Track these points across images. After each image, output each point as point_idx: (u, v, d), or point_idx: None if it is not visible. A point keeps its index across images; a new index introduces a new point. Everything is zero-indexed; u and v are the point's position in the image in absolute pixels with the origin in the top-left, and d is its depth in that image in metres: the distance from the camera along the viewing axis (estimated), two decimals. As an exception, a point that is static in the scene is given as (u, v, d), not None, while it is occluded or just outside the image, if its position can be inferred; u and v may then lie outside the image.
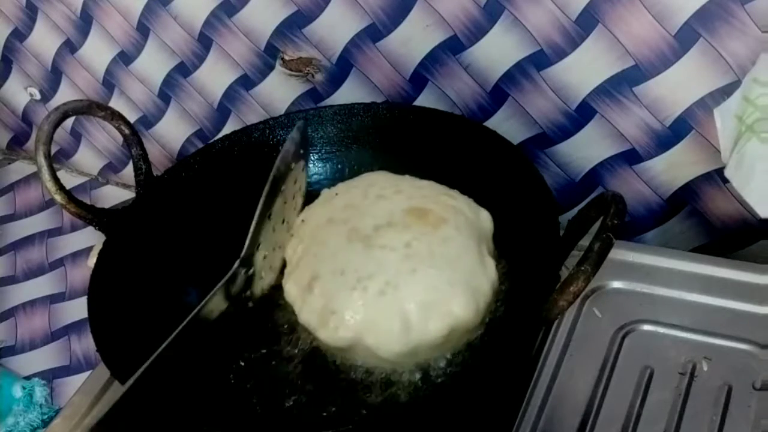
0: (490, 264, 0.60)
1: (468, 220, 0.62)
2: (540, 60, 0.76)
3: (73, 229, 1.11)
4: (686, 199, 0.77)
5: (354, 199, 0.64)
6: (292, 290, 0.61)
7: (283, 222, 0.64)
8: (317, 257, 0.61)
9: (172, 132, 1.06)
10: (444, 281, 0.57)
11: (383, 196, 0.63)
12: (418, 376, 0.58)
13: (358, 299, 0.57)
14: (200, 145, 1.02)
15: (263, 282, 0.61)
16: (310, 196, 0.70)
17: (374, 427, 0.55)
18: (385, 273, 0.57)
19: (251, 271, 0.59)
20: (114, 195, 1.15)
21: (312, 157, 0.77)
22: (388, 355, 0.57)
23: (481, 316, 0.58)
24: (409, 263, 0.58)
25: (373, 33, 0.83)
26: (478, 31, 0.78)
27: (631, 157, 0.77)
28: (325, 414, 0.57)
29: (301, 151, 0.66)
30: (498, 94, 0.80)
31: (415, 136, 0.74)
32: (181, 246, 0.71)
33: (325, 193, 0.68)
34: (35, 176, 1.20)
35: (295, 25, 0.87)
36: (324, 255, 0.60)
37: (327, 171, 0.77)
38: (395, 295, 0.56)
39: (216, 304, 0.56)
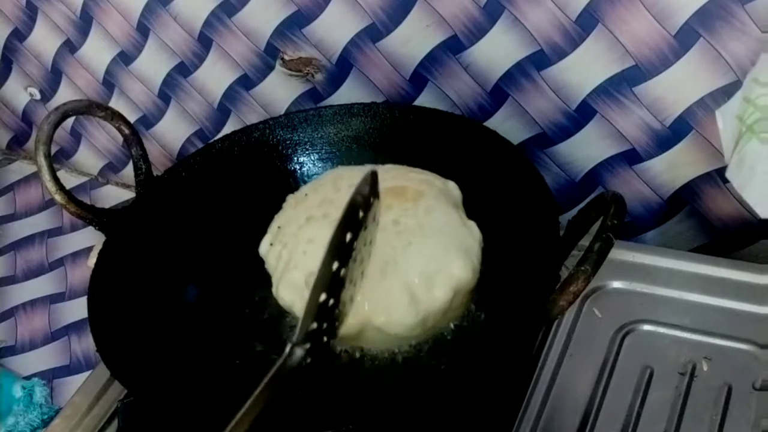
0: (472, 225, 0.63)
1: (441, 190, 0.64)
2: (540, 60, 0.76)
3: (73, 229, 1.11)
4: (686, 199, 0.77)
5: (327, 194, 0.65)
6: (286, 295, 0.61)
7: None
8: (307, 255, 0.61)
9: (172, 132, 1.06)
10: (440, 248, 0.59)
11: (355, 185, 0.63)
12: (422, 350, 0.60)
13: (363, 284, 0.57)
14: (200, 145, 1.02)
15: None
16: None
17: (374, 427, 0.55)
18: (381, 253, 0.58)
19: (336, 311, 0.50)
20: (114, 195, 1.15)
21: (312, 157, 0.77)
22: (400, 330, 0.58)
23: (478, 275, 0.60)
24: (402, 239, 0.59)
25: (373, 33, 0.83)
26: (478, 31, 0.78)
27: (631, 157, 0.77)
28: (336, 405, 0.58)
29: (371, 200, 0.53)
30: (498, 94, 0.80)
31: (415, 136, 0.74)
32: (181, 246, 0.71)
33: (292, 197, 0.68)
34: (35, 176, 1.20)
35: (295, 25, 0.87)
36: (314, 251, 0.60)
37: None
38: (397, 272, 0.58)
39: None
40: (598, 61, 0.73)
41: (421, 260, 0.58)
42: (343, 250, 0.48)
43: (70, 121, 1.13)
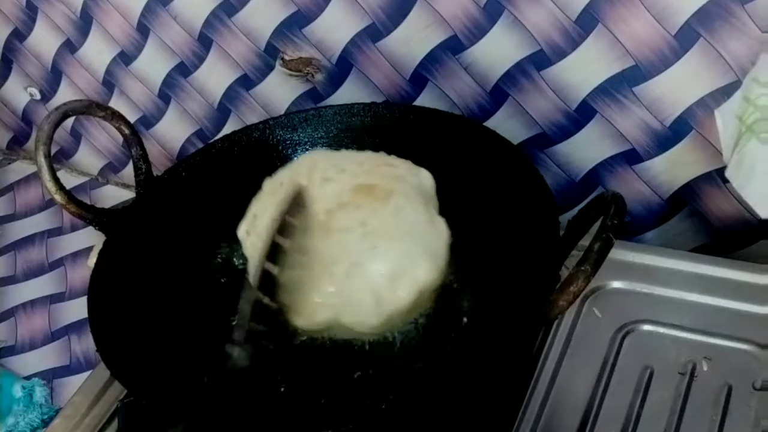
0: (440, 223, 0.62)
1: (412, 186, 0.64)
2: (540, 60, 0.76)
3: (73, 229, 1.12)
4: (686, 199, 0.77)
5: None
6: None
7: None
8: None
9: (172, 132, 1.06)
10: (405, 251, 0.59)
11: (328, 178, 0.64)
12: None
13: (328, 286, 0.58)
14: (200, 145, 1.02)
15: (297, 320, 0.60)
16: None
17: (375, 427, 0.55)
18: (348, 255, 0.59)
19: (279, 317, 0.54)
20: (114, 195, 1.15)
21: (312, 157, 0.77)
22: (365, 329, 0.59)
23: (444, 274, 0.60)
24: (368, 241, 0.59)
25: (373, 33, 0.83)
26: (478, 31, 0.78)
27: (631, 157, 0.77)
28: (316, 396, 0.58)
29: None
30: (498, 94, 0.80)
31: (415, 136, 0.74)
32: (181, 246, 0.71)
33: (269, 183, 0.68)
34: (35, 176, 1.20)
35: (295, 25, 0.87)
36: None
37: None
38: (362, 274, 0.58)
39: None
40: (598, 61, 0.73)
41: (386, 263, 0.58)
42: (277, 253, 0.50)
43: (70, 121, 1.13)
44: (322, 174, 0.65)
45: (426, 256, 0.59)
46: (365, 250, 0.59)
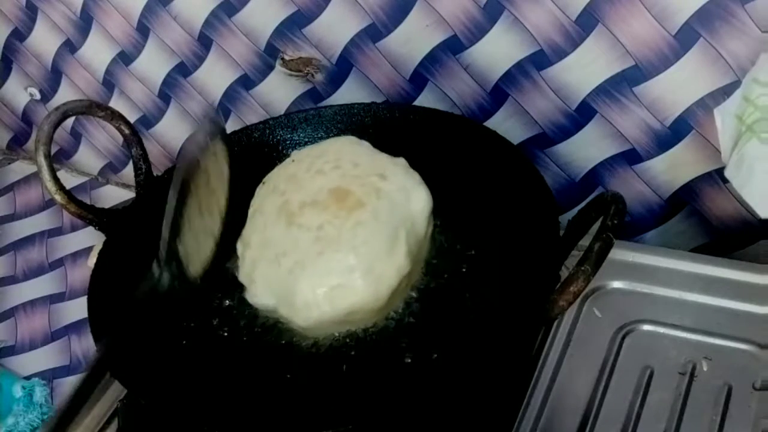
0: (401, 250, 0.60)
1: (391, 204, 0.62)
2: (540, 60, 0.76)
3: (73, 229, 1.11)
4: (686, 199, 0.77)
5: (299, 170, 0.66)
6: (239, 247, 0.65)
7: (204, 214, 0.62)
8: (254, 224, 0.65)
9: (172, 132, 1.06)
10: (345, 266, 0.59)
11: (322, 171, 0.64)
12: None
13: (273, 274, 0.60)
14: (200, 145, 1.02)
15: (193, 269, 0.60)
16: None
17: (375, 427, 0.55)
18: (297, 252, 0.60)
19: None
20: (114, 195, 1.15)
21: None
22: (296, 327, 0.61)
23: (383, 300, 0.60)
24: (317, 246, 0.60)
25: (373, 33, 0.83)
26: (478, 31, 0.78)
27: (631, 157, 0.77)
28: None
29: (214, 140, 0.62)
30: (498, 94, 0.80)
31: (415, 136, 0.74)
32: (181, 246, 0.70)
33: (288, 157, 0.70)
34: (35, 176, 1.20)
35: (295, 25, 0.87)
36: (258, 224, 0.64)
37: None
38: (301, 275, 0.59)
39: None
40: (598, 61, 0.73)
41: (324, 272, 0.59)
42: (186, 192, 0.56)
43: (70, 121, 1.13)
44: (320, 166, 0.65)
45: (365, 277, 0.59)
46: (311, 254, 0.60)
